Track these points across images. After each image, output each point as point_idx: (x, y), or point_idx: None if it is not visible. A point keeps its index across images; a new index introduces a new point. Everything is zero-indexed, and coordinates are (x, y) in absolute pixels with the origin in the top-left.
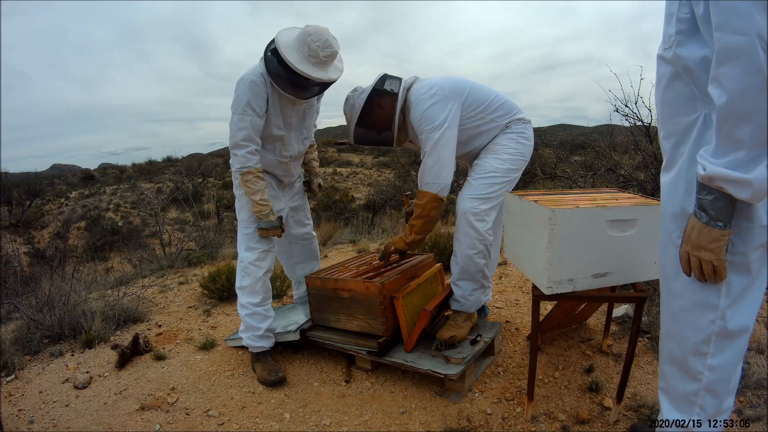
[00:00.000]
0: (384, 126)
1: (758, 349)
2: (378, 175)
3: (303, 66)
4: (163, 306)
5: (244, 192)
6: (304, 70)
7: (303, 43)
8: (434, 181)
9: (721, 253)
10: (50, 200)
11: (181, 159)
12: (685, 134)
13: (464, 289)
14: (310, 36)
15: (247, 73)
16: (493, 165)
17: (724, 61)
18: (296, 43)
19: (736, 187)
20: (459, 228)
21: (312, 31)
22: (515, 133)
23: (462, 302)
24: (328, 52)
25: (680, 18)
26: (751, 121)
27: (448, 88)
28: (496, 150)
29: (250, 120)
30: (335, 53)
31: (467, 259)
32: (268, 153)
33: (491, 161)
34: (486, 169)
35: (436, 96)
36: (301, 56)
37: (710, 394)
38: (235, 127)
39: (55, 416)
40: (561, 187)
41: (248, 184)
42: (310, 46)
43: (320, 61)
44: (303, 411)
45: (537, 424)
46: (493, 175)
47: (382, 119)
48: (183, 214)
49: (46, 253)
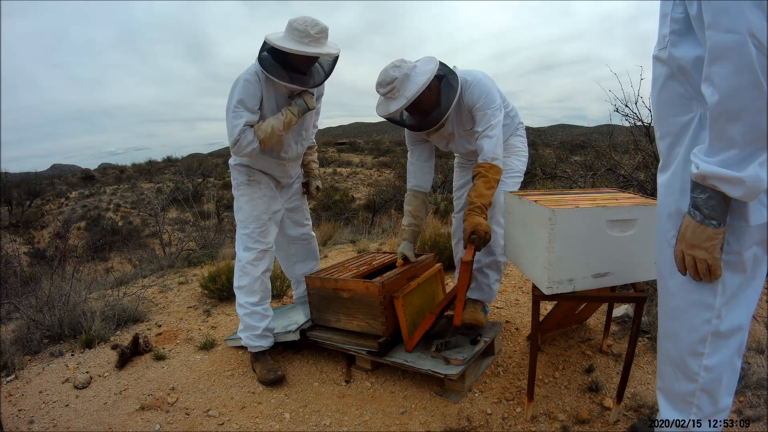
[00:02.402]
0: (434, 107)
1: (758, 349)
2: (378, 175)
3: (299, 47)
4: (163, 306)
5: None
6: (301, 50)
7: (291, 30)
8: (501, 156)
9: (715, 252)
10: (50, 200)
11: (181, 159)
12: (681, 134)
13: (491, 278)
14: (295, 21)
15: (241, 74)
16: (516, 165)
17: (716, 60)
18: (286, 34)
19: (729, 186)
20: (493, 220)
21: (295, 18)
22: (522, 137)
23: (485, 290)
24: (318, 29)
25: (674, 18)
26: (743, 119)
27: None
28: (514, 151)
29: (246, 117)
30: (325, 29)
31: (500, 250)
32: (265, 154)
33: (515, 161)
34: (512, 168)
35: (489, 80)
36: (294, 41)
37: (706, 395)
38: (230, 125)
39: (55, 416)
40: (561, 187)
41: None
42: (299, 29)
43: (314, 39)
44: (303, 411)
45: (537, 424)
46: (517, 175)
47: (435, 99)
48: (183, 214)
49: (46, 253)
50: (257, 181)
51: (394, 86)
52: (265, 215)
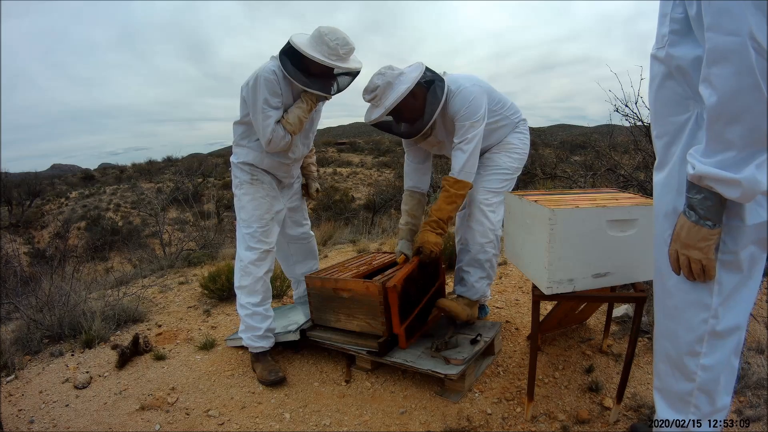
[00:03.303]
0: (418, 115)
1: (758, 349)
2: (378, 175)
3: (327, 59)
4: (163, 306)
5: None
6: (330, 62)
7: (321, 42)
8: (472, 170)
9: (709, 252)
10: (50, 200)
11: (181, 159)
12: (678, 134)
13: (472, 275)
14: (327, 35)
15: (258, 73)
16: (505, 162)
17: (715, 62)
18: (314, 43)
19: (726, 187)
20: (472, 217)
21: (327, 31)
22: (522, 133)
23: (467, 288)
24: (347, 49)
25: (674, 18)
26: (742, 122)
27: (482, 82)
28: (508, 148)
29: (274, 116)
30: (353, 49)
31: (479, 247)
32: (272, 154)
33: (504, 158)
34: (499, 165)
35: (476, 86)
36: (321, 55)
37: (704, 394)
38: (261, 126)
39: (55, 416)
40: (561, 187)
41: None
42: (329, 45)
43: (340, 58)
44: (303, 411)
45: (537, 424)
46: (505, 172)
47: (419, 108)
48: (183, 214)
49: (46, 253)
50: (260, 181)
51: (376, 94)
52: (268, 215)
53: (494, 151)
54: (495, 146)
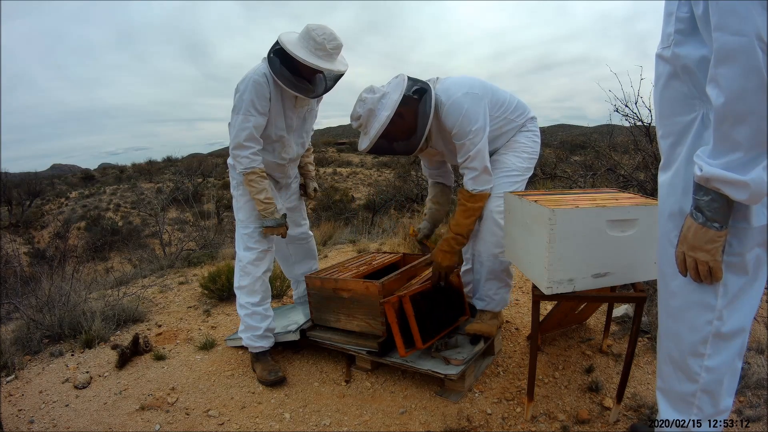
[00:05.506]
0: (410, 134)
1: (758, 349)
2: (378, 175)
3: (311, 58)
4: (163, 306)
5: (249, 192)
6: (313, 62)
7: (308, 38)
8: (486, 181)
9: (716, 254)
10: (50, 200)
11: (181, 159)
12: (683, 134)
13: (491, 288)
14: (314, 30)
15: (250, 74)
16: (515, 163)
17: (722, 62)
18: (301, 40)
19: (733, 189)
20: (484, 227)
21: (315, 26)
22: (531, 132)
23: (487, 301)
24: (334, 44)
25: (679, 17)
26: (749, 123)
27: (477, 86)
28: (516, 147)
29: (254, 120)
30: (340, 45)
31: (493, 258)
32: (267, 154)
33: (513, 159)
34: (508, 167)
35: (469, 95)
36: (307, 51)
37: (707, 395)
38: (238, 127)
39: (55, 416)
40: (561, 187)
41: (252, 183)
42: (316, 40)
43: (327, 53)
44: (303, 411)
45: (537, 424)
46: (515, 173)
47: (408, 127)
48: (183, 214)
49: (46, 253)
50: None
51: (361, 123)
52: None
53: (502, 152)
54: (502, 147)
